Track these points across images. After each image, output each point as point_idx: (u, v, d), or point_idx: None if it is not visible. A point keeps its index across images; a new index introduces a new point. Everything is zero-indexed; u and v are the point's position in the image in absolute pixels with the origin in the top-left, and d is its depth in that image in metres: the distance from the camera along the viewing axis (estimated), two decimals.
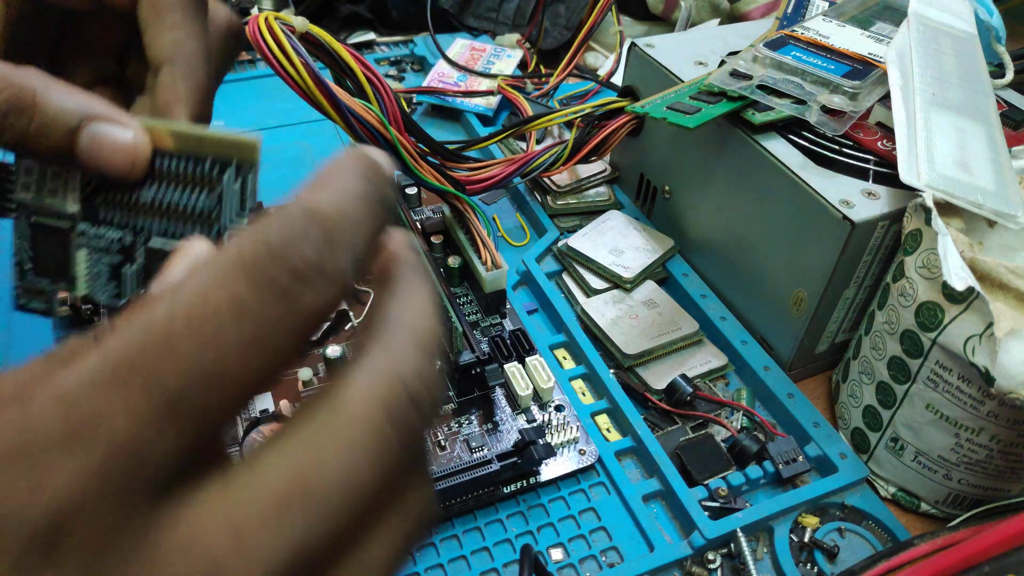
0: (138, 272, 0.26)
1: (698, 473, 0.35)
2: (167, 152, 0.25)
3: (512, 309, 0.43)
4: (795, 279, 0.38)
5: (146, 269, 0.26)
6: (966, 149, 0.35)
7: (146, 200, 0.25)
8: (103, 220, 0.26)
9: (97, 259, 0.26)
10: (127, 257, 0.26)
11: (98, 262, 0.26)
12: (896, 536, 0.34)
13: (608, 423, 0.38)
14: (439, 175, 0.41)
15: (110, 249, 0.26)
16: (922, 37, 0.40)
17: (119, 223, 0.26)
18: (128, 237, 0.26)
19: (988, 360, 0.29)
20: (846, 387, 0.39)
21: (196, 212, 0.25)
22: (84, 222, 0.26)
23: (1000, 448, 0.32)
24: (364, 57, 0.37)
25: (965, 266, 0.30)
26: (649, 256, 0.45)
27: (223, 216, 0.25)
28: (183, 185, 0.25)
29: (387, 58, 0.69)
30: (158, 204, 0.25)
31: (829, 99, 0.38)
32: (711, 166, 0.43)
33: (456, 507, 0.33)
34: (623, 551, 0.33)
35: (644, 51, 0.48)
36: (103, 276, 0.27)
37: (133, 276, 0.26)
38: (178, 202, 0.25)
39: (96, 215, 0.26)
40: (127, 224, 0.26)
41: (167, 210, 0.25)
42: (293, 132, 0.59)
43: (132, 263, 0.26)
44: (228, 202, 0.25)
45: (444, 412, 0.37)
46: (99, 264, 0.26)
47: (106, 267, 0.26)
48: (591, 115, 0.48)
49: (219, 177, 0.25)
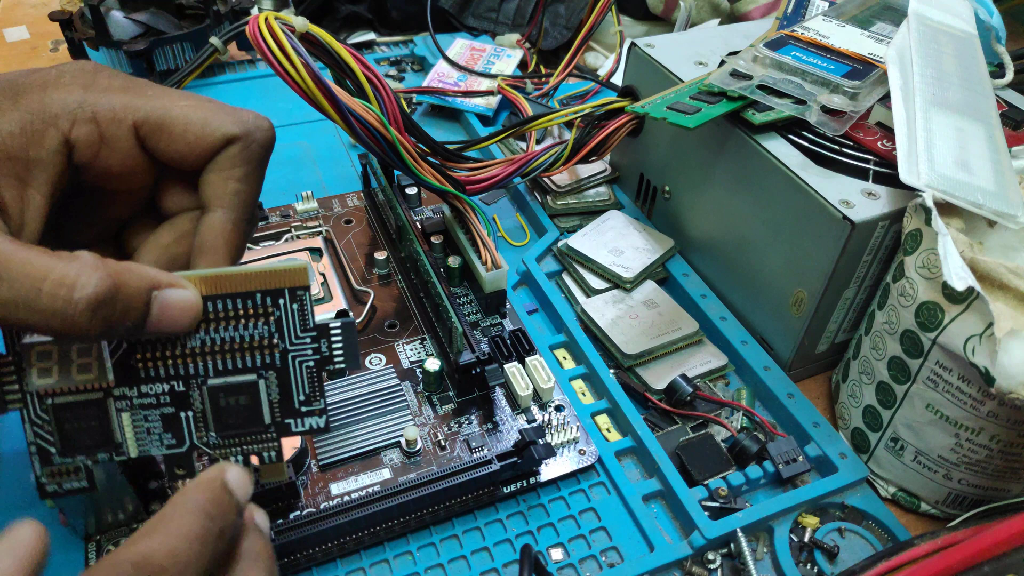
0: (199, 415, 0.26)
1: (698, 473, 0.35)
2: (212, 296, 0.25)
3: (512, 309, 0.43)
4: (795, 279, 0.38)
5: (213, 408, 0.26)
6: (966, 149, 0.35)
7: (194, 345, 0.25)
8: (145, 378, 0.25)
9: (144, 417, 0.26)
10: (181, 404, 0.26)
11: (146, 419, 0.26)
12: (896, 536, 0.34)
13: (608, 423, 0.38)
14: (439, 175, 0.41)
15: (159, 403, 0.26)
16: (922, 37, 0.40)
17: (165, 376, 0.26)
18: (179, 385, 0.26)
19: (988, 360, 0.29)
20: (846, 387, 0.39)
21: (253, 343, 0.26)
22: (121, 387, 0.25)
23: (1000, 448, 0.32)
24: (364, 57, 0.37)
25: (965, 266, 0.30)
26: (649, 256, 0.45)
27: (285, 339, 0.26)
28: (234, 322, 0.25)
29: (387, 58, 0.69)
30: (209, 345, 0.25)
31: (829, 99, 0.38)
32: (711, 166, 0.43)
33: (456, 507, 0.33)
34: (623, 551, 0.33)
35: (644, 51, 0.48)
36: (156, 431, 0.26)
37: (194, 420, 0.26)
38: (232, 337, 0.25)
39: (136, 376, 0.25)
40: (175, 374, 0.26)
41: (220, 348, 0.25)
42: (293, 132, 0.59)
43: (188, 408, 0.26)
44: (288, 325, 0.26)
45: (444, 412, 0.37)
46: (148, 421, 0.26)
47: (157, 421, 0.26)
48: (591, 115, 0.48)
49: (273, 306, 0.25)
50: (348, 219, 0.49)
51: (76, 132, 0.25)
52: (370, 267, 0.45)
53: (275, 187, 0.53)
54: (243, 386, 0.26)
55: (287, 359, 0.27)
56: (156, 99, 0.26)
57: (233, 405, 0.26)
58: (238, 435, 0.27)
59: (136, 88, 0.26)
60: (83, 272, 0.21)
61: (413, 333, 0.41)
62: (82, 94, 0.25)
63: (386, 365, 0.39)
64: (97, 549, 0.31)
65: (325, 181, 0.54)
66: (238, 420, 0.27)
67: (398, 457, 0.35)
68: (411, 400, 0.38)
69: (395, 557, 0.32)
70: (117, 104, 0.25)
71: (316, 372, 0.27)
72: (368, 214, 0.49)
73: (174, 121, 0.26)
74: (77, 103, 0.25)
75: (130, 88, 0.26)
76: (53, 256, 0.21)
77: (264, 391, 0.27)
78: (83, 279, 0.21)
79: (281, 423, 0.27)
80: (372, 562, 0.32)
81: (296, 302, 0.26)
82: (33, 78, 0.25)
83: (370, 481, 0.34)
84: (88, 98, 0.25)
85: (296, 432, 0.28)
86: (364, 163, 0.49)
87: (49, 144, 0.24)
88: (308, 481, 0.34)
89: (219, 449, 0.27)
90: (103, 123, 0.25)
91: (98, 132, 0.25)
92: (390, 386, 0.38)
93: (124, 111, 0.25)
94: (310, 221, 0.48)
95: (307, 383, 0.27)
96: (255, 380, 0.26)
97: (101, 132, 0.25)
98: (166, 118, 0.26)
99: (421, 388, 0.38)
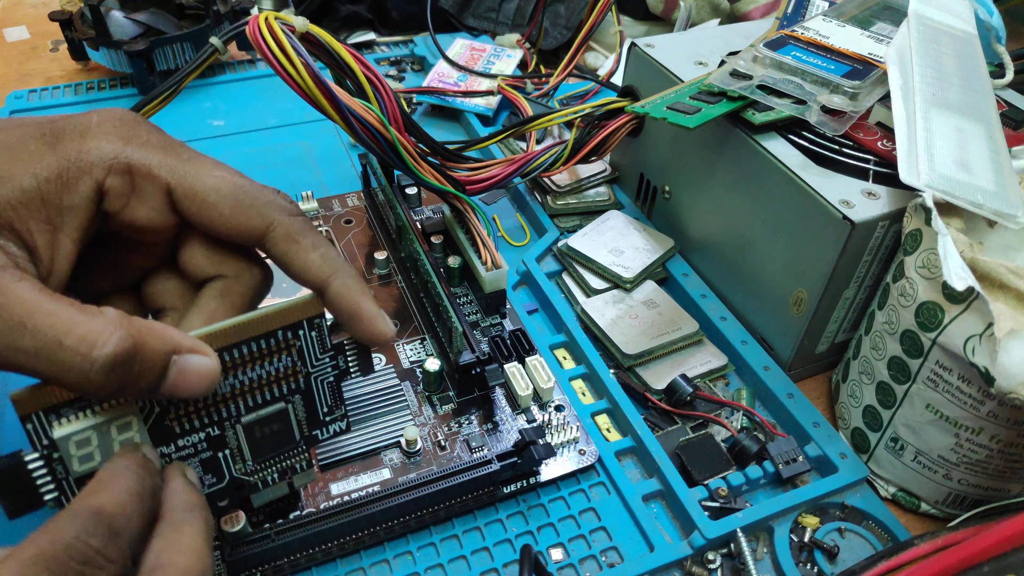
0: (235, 451, 0.28)
1: (698, 473, 0.35)
2: (236, 344, 0.25)
3: (512, 309, 0.43)
4: (795, 279, 0.38)
5: (249, 442, 0.28)
6: (966, 149, 0.35)
7: (224, 392, 0.26)
8: (180, 433, 0.26)
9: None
10: (218, 446, 0.27)
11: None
12: (896, 536, 0.34)
13: (608, 423, 0.38)
14: (439, 175, 0.41)
15: (197, 451, 0.27)
16: (922, 37, 0.40)
17: (199, 426, 0.26)
18: (214, 430, 0.27)
19: (988, 360, 0.29)
20: (846, 387, 0.39)
21: (278, 375, 0.27)
22: (159, 447, 0.26)
23: (1000, 448, 0.32)
24: (364, 57, 0.37)
25: (965, 266, 0.30)
26: (649, 256, 0.45)
27: (307, 364, 0.27)
28: (259, 361, 0.26)
29: (387, 58, 0.69)
30: (238, 388, 0.26)
31: (829, 99, 0.38)
32: (711, 166, 0.43)
33: (456, 507, 0.33)
34: (623, 551, 0.33)
35: (644, 51, 0.48)
36: (197, 476, 0.27)
37: (231, 456, 0.28)
38: (259, 375, 0.26)
39: (171, 434, 0.26)
40: (208, 422, 0.26)
41: (249, 387, 0.26)
42: (293, 132, 0.59)
43: (225, 447, 0.27)
44: (309, 351, 0.27)
45: (444, 412, 0.37)
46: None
47: (197, 467, 0.27)
48: (591, 115, 0.48)
49: (294, 338, 0.26)
50: (348, 219, 0.49)
51: (110, 181, 0.25)
52: (370, 267, 0.45)
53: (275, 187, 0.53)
54: (274, 415, 0.28)
55: (310, 381, 0.28)
56: (191, 163, 0.26)
57: (267, 434, 0.28)
58: (272, 457, 0.29)
59: (173, 149, 0.27)
60: (105, 330, 0.21)
61: (413, 333, 0.41)
62: (121, 145, 0.25)
63: (386, 365, 0.39)
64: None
65: (325, 181, 0.54)
66: (272, 445, 0.29)
67: (398, 457, 0.35)
68: (411, 400, 0.38)
69: (395, 557, 0.32)
70: (154, 161, 0.26)
71: (336, 385, 0.29)
72: (368, 214, 0.49)
73: (207, 192, 0.26)
74: (114, 153, 0.25)
75: (168, 148, 0.26)
76: (79, 310, 0.22)
77: (293, 414, 0.28)
78: (104, 337, 0.21)
79: (309, 436, 0.30)
80: (372, 562, 0.32)
81: (315, 329, 0.27)
82: (73, 123, 0.25)
83: (370, 481, 0.34)
84: (126, 150, 0.25)
85: (323, 440, 0.30)
86: (364, 163, 0.49)
87: (83, 191, 0.24)
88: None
89: (255, 474, 0.29)
90: (137, 176, 0.25)
91: (131, 183, 0.25)
92: (390, 386, 0.38)
93: (160, 168, 0.26)
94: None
95: (329, 396, 0.29)
96: (284, 407, 0.28)
97: (134, 184, 0.25)
98: (198, 186, 0.26)
99: (421, 388, 0.38)
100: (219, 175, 0.26)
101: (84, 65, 0.66)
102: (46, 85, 0.62)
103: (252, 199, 0.26)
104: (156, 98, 0.50)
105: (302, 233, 0.27)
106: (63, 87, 0.61)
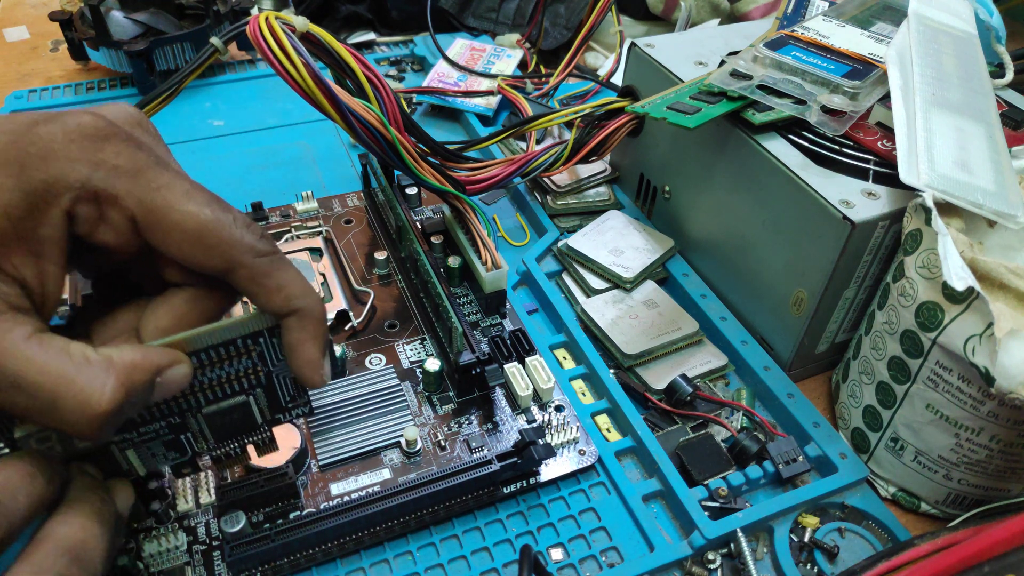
0: (198, 434, 0.29)
1: (698, 473, 0.35)
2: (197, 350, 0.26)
3: (512, 309, 0.43)
4: (795, 279, 0.38)
5: (210, 428, 0.29)
6: (966, 149, 0.35)
7: (184, 389, 0.27)
8: (142, 422, 0.27)
9: (147, 447, 0.28)
10: (180, 430, 0.28)
11: (149, 448, 0.28)
12: (896, 536, 0.34)
13: (608, 423, 0.38)
14: (439, 175, 0.41)
15: (159, 435, 0.28)
16: (922, 37, 0.40)
17: (160, 416, 0.27)
18: (175, 419, 0.28)
19: (988, 360, 0.29)
20: (846, 387, 0.39)
21: (239, 374, 0.28)
22: (121, 433, 0.27)
23: (1000, 448, 0.32)
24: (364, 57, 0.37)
25: (965, 266, 0.30)
26: (649, 256, 0.45)
27: (268, 363, 0.28)
28: (219, 364, 0.27)
29: (387, 58, 0.69)
30: (199, 386, 0.27)
31: (829, 99, 0.38)
32: (711, 166, 0.43)
33: (456, 507, 0.33)
34: (623, 551, 0.33)
35: (644, 51, 0.48)
36: (159, 453, 0.29)
37: (193, 437, 0.29)
38: (219, 375, 0.27)
39: (132, 423, 0.27)
40: (169, 412, 0.28)
41: (210, 384, 0.28)
42: (293, 132, 0.59)
43: (187, 431, 0.29)
44: (269, 354, 0.28)
45: (444, 412, 0.37)
46: (151, 448, 0.28)
47: (160, 447, 0.28)
48: (591, 115, 0.48)
49: (254, 344, 0.28)
50: (348, 219, 0.49)
51: (78, 209, 0.25)
52: (370, 267, 0.45)
53: (275, 187, 0.53)
54: (235, 407, 0.29)
55: (272, 377, 0.29)
56: (159, 193, 0.25)
57: (228, 421, 0.29)
58: (235, 437, 0.30)
59: (143, 175, 0.25)
60: (97, 383, 0.22)
61: (413, 333, 0.41)
62: (87, 171, 0.25)
63: (386, 365, 0.39)
64: None
65: (325, 181, 0.54)
66: (233, 430, 0.30)
67: (398, 457, 0.35)
68: (411, 400, 0.38)
69: (395, 557, 0.32)
70: (121, 190, 0.25)
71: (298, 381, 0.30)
72: (368, 214, 0.49)
73: (170, 228, 0.25)
74: (80, 181, 0.24)
75: (138, 173, 0.25)
76: (69, 359, 0.22)
77: (254, 404, 0.29)
78: (97, 394, 0.22)
79: (272, 419, 0.30)
80: (372, 562, 0.32)
81: (276, 337, 0.28)
82: (37, 141, 0.24)
83: (370, 481, 0.34)
84: (92, 177, 0.25)
85: (286, 421, 0.31)
86: (364, 163, 0.49)
87: (54, 220, 0.24)
88: (308, 481, 0.34)
89: (218, 449, 0.30)
90: (104, 205, 0.25)
91: (98, 212, 0.25)
92: (390, 386, 0.38)
93: (126, 198, 0.25)
94: (310, 221, 0.48)
95: (291, 388, 0.30)
96: (246, 400, 0.29)
97: (101, 212, 0.25)
98: (163, 221, 0.25)
99: (421, 388, 0.38)
100: (186, 211, 0.25)
101: (84, 65, 0.66)
102: (46, 85, 0.62)
103: (217, 239, 0.26)
104: (156, 98, 0.50)
105: (266, 275, 0.26)
106: (63, 87, 0.61)
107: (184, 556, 0.31)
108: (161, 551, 0.31)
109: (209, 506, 0.33)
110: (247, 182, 0.53)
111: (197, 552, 0.32)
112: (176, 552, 0.31)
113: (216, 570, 0.31)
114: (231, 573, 0.30)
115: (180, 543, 0.31)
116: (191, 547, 0.32)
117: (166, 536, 0.31)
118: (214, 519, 0.33)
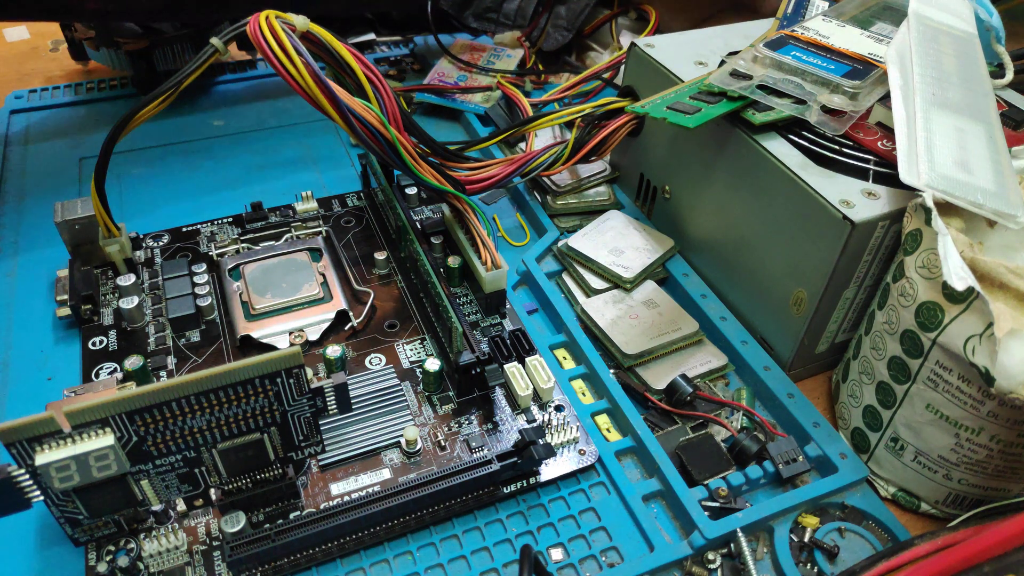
0: (212, 468, 0.30)
1: (698, 473, 0.35)
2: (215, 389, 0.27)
3: (512, 309, 0.43)
4: (795, 279, 0.38)
5: (224, 463, 0.30)
6: (966, 149, 0.35)
7: (200, 426, 0.28)
8: (158, 455, 0.28)
9: (162, 479, 0.29)
10: (194, 464, 0.29)
11: (164, 480, 0.29)
12: (896, 536, 0.34)
13: (608, 423, 0.38)
14: (439, 175, 0.41)
15: (174, 468, 0.29)
16: (922, 37, 0.40)
17: (176, 450, 0.29)
18: (190, 453, 0.29)
19: (988, 360, 0.29)
20: (846, 387, 0.39)
21: (255, 412, 0.29)
22: (137, 464, 0.28)
23: (1000, 448, 0.32)
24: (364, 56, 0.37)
25: (965, 266, 0.30)
26: (649, 256, 0.45)
27: (284, 403, 0.29)
28: (236, 402, 0.28)
29: (387, 58, 0.69)
30: (214, 423, 0.28)
31: (829, 99, 0.38)
32: (711, 166, 0.43)
33: (456, 507, 0.33)
34: (623, 551, 0.33)
35: (644, 51, 0.48)
36: (174, 486, 0.30)
37: (207, 471, 0.30)
38: (235, 412, 0.28)
39: (149, 455, 0.28)
40: (185, 447, 0.29)
41: (226, 422, 0.29)
42: (293, 132, 0.59)
43: (201, 465, 0.30)
44: (286, 394, 0.29)
45: (444, 412, 0.37)
46: (166, 481, 0.29)
47: (174, 479, 0.30)
48: (591, 115, 0.48)
49: (271, 384, 0.28)
50: (348, 219, 0.49)
51: None
52: (370, 267, 0.45)
53: (275, 187, 0.53)
54: (249, 444, 0.30)
55: (287, 416, 0.30)
56: None
57: (241, 458, 0.30)
58: (248, 473, 0.31)
59: None
60: None
61: (413, 333, 0.41)
62: None
63: (386, 365, 0.39)
64: (97, 549, 0.31)
65: (325, 181, 0.54)
66: (246, 466, 0.31)
67: (398, 457, 0.35)
68: (411, 400, 0.38)
69: (395, 557, 0.32)
70: None
71: (312, 420, 0.31)
72: (368, 214, 0.49)
73: None
74: None
75: None
76: None
77: (268, 442, 0.30)
78: None
79: (284, 457, 0.32)
80: (372, 562, 0.32)
81: (292, 378, 0.29)
82: None
83: (370, 481, 0.34)
84: None
85: (298, 460, 0.32)
86: (364, 163, 0.49)
87: None
88: (308, 481, 0.34)
89: (230, 483, 0.31)
90: None
91: None
92: (390, 386, 0.38)
93: None
94: (310, 221, 0.48)
95: (305, 427, 0.31)
96: (260, 438, 0.30)
97: None
98: None
99: (421, 388, 0.38)
100: None
101: (84, 65, 0.66)
102: (46, 85, 0.62)
103: None
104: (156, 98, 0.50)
105: None
106: (63, 87, 0.61)
107: (184, 556, 0.31)
108: (161, 551, 0.31)
109: (209, 506, 0.33)
110: (247, 182, 0.53)
111: (197, 552, 0.32)
112: (176, 552, 0.31)
113: (216, 570, 0.31)
114: (231, 573, 0.30)
115: (180, 543, 0.31)
116: (191, 547, 0.32)
117: (166, 536, 0.31)
118: (214, 519, 0.33)
